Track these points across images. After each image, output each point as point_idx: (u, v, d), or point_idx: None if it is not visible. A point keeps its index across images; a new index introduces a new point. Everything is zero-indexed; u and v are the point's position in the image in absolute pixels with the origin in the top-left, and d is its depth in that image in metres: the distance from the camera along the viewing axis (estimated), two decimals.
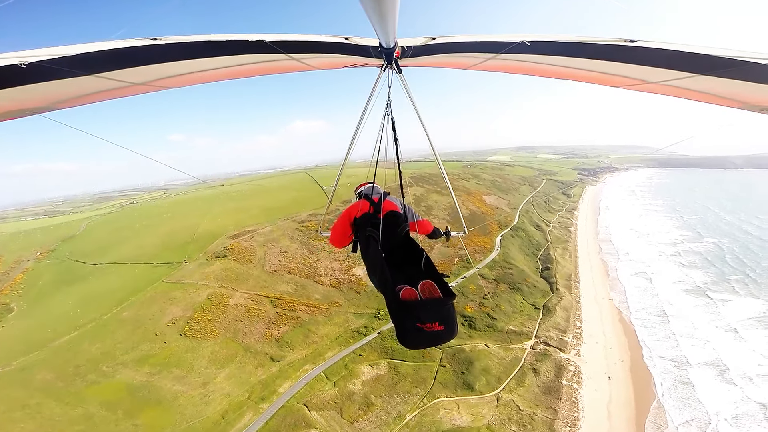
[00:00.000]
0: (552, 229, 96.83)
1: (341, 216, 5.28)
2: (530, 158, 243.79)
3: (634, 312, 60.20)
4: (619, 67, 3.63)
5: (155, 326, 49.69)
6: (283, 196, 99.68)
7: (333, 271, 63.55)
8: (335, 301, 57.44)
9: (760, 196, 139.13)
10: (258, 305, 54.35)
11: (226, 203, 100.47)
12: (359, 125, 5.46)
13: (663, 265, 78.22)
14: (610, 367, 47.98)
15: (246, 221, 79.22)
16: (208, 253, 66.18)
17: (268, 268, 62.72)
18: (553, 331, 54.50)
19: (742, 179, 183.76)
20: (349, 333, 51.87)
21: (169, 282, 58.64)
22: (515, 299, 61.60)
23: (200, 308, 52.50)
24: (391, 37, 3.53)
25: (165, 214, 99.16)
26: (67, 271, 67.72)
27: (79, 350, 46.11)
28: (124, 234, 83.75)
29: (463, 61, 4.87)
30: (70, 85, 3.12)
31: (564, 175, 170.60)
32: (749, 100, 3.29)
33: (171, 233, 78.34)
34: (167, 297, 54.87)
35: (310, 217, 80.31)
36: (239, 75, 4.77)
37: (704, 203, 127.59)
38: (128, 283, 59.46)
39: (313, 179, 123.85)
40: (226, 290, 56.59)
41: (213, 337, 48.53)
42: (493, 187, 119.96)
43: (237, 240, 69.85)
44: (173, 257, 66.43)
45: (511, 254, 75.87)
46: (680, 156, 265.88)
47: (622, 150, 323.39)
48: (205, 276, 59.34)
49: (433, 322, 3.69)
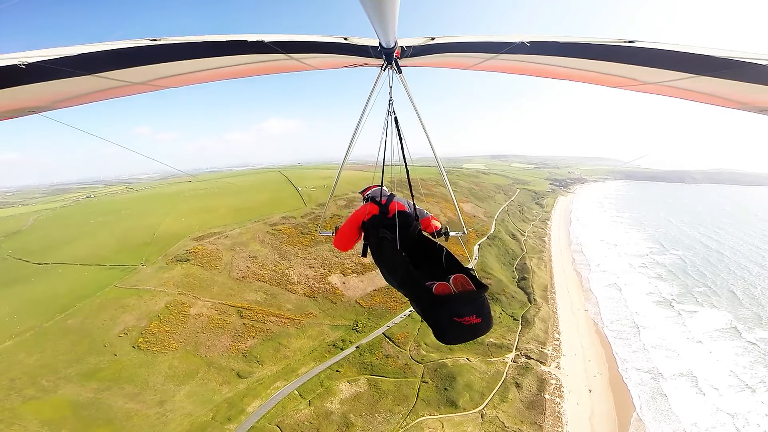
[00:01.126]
0: (527, 238, 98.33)
1: (349, 219, 5.27)
2: (504, 167, 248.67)
3: (608, 323, 61.00)
4: (618, 67, 3.61)
5: (104, 337, 44.39)
6: (255, 197, 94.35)
7: (307, 278, 59.69)
8: (309, 312, 53.61)
9: (716, 210, 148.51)
10: (223, 315, 49.77)
11: (192, 201, 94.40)
12: (359, 124, 5.40)
13: (632, 277, 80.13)
14: (590, 379, 48.01)
15: (213, 222, 73.93)
16: (169, 256, 60.64)
17: (235, 274, 58.02)
18: (533, 344, 54.07)
19: (699, 193, 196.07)
20: (325, 347, 48.35)
21: (122, 287, 52.96)
22: (494, 310, 60.57)
23: (157, 318, 47.47)
24: (391, 37, 3.50)
25: (123, 210, 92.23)
26: (7, 270, 60.50)
27: (15, 361, 40.16)
28: (76, 231, 76.83)
29: (463, 61, 4.87)
30: (70, 85, 3.13)
31: (537, 184, 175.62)
32: (748, 101, 3.28)
33: (128, 232, 71.97)
34: (119, 304, 49.36)
35: (282, 220, 75.86)
36: (239, 75, 4.77)
37: (667, 216, 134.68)
38: (75, 287, 53.28)
39: (288, 179, 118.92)
40: (186, 298, 51.57)
41: (171, 351, 43.77)
42: (470, 194, 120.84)
43: (201, 243, 64.65)
44: (129, 259, 60.53)
45: (489, 263, 75.35)
46: (644, 169, 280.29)
47: (589, 162, 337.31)
48: (164, 282, 54.02)
49: (471, 315, 3.59)
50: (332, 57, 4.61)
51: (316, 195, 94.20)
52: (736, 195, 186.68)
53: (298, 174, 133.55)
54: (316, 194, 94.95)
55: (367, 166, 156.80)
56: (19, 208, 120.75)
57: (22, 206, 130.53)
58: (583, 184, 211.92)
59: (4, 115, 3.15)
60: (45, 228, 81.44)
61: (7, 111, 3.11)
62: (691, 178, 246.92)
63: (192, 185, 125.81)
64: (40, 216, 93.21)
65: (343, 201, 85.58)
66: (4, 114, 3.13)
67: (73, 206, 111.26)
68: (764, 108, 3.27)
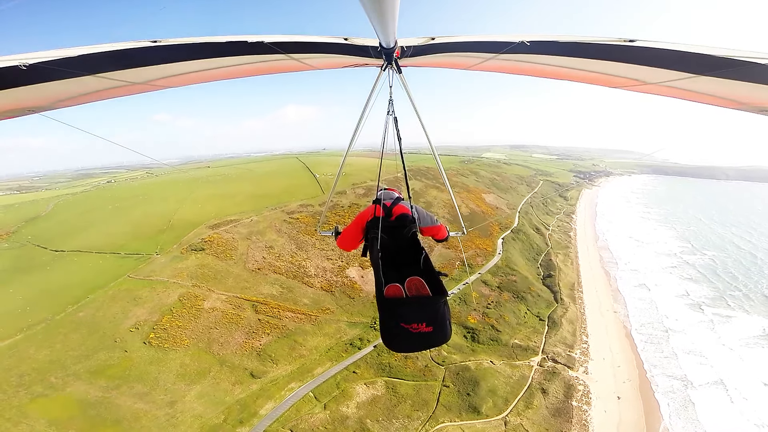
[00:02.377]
0: (552, 233, 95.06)
1: (354, 220, 5.30)
2: (525, 157, 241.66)
3: (638, 327, 58.57)
4: (619, 67, 3.60)
5: (115, 331, 42.95)
6: (272, 183, 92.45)
7: (324, 271, 57.40)
8: (326, 308, 51.42)
9: (748, 209, 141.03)
10: (237, 310, 47.92)
11: (209, 188, 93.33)
12: (359, 124, 5.42)
13: (662, 277, 77.70)
14: (618, 386, 45.80)
15: (229, 209, 72.25)
16: (184, 244, 59.17)
17: (250, 265, 56.15)
18: (561, 347, 51.70)
19: (732, 191, 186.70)
20: (342, 345, 46.14)
21: (135, 278, 51.64)
22: (519, 309, 57.98)
23: (169, 311, 45.87)
24: (391, 37, 3.50)
25: (141, 195, 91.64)
26: (25, 257, 60.07)
27: (25, 356, 38.99)
28: (94, 217, 76.53)
29: (463, 61, 4.87)
30: (70, 86, 3.15)
31: (560, 176, 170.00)
32: (749, 101, 3.27)
33: (144, 219, 71.06)
34: (132, 296, 48.02)
35: (300, 208, 73.62)
36: (239, 74, 4.77)
37: (697, 214, 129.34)
38: (89, 277, 52.21)
39: (305, 166, 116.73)
40: (200, 290, 49.92)
41: (183, 347, 42.12)
42: (491, 185, 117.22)
43: (217, 231, 63.00)
44: (144, 247, 59.38)
45: (513, 259, 72.22)
46: (673, 164, 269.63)
47: (613, 154, 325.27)
48: (178, 272, 52.50)
49: (421, 323, 3.46)
50: (332, 57, 4.61)
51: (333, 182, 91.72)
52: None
53: (315, 160, 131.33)
54: (333, 181, 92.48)
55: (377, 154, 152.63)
56: (42, 193, 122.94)
57: (46, 191, 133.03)
58: (609, 178, 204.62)
59: (5, 115, 3.19)
60: (63, 213, 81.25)
61: (8, 111, 3.13)
62: (724, 175, 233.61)
63: (210, 171, 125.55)
64: (59, 201, 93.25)
65: (362, 189, 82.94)
66: (4, 114, 3.16)
67: (92, 191, 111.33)
68: (764, 108, 3.24)
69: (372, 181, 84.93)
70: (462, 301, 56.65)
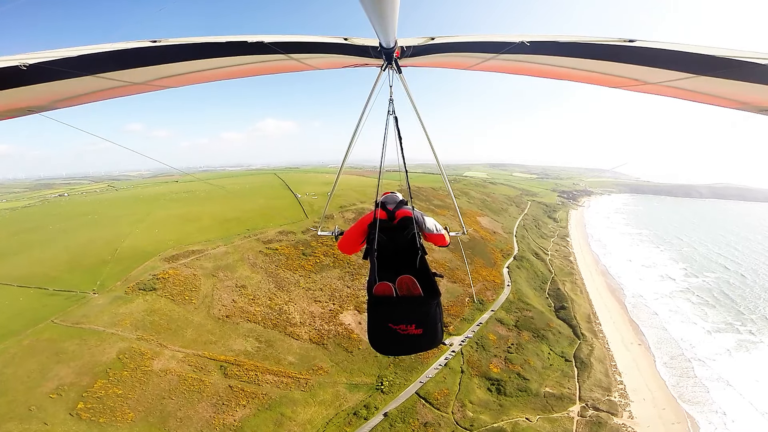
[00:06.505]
0: (551, 258, 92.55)
1: (357, 222, 5.20)
2: (506, 176, 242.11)
3: (668, 360, 55.80)
4: (619, 67, 3.52)
5: (30, 396, 32.17)
6: (246, 204, 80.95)
7: (312, 318, 46.44)
8: (318, 366, 40.84)
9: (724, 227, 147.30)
10: (200, 373, 36.77)
11: (172, 207, 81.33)
12: (359, 124, 5.28)
13: (673, 303, 76.17)
14: (668, 427, 42.73)
15: (192, 236, 60.68)
16: (130, 281, 47.19)
17: (216, 311, 44.96)
18: (598, 391, 47.03)
19: (707, 209, 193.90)
20: (343, 416, 35.80)
21: (61, 324, 39.95)
22: (542, 350, 51.76)
23: (105, 373, 34.72)
24: (391, 37, 3.43)
25: (90, 214, 78.37)
26: None
27: None
28: (28, 239, 64.80)
29: (463, 61, 4.78)
30: (70, 86, 3.12)
31: (545, 196, 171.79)
32: (749, 101, 3.25)
33: (87, 245, 58.54)
34: (55, 349, 36.46)
35: (279, 236, 62.41)
36: (239, 75, 4.70)
37: (682, 235, 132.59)
38: (3, 319, 39.74)
39: (285, 184, 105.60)
40: (148, 345, 38.59)
41: (125, 422, 31.00)
42: (483, 206, 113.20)
43: (174, 265, 51.23)
44: (80, 283, 47.26)
45: (523, 291, 65.39)
46: (648, 183, 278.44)
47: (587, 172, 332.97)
48: (119, 319, 40.92)
49: (410, 324, 3.28)
50: (332, 57, 4.51)
51: (318, 204, 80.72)
52: (744, 211, 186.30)
53: (296, 178, 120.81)
54: (318, 203, 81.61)
55: (366, 171, 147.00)
56: None
57: None
58: (590, 197, 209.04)
59: (5, 115, 3.12)
60: None
61: (8, 111, 3.08)
62: (697, 193, 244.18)
63: (176, 186, 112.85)
64: None
65: (352, 214, 72.79)
66: (4, 114, 3.10)
67: (37, 206, 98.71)
68: (764, 108, 3.21)
69: (362, 203, 75.61)
70: (480, 347, 47.54)
